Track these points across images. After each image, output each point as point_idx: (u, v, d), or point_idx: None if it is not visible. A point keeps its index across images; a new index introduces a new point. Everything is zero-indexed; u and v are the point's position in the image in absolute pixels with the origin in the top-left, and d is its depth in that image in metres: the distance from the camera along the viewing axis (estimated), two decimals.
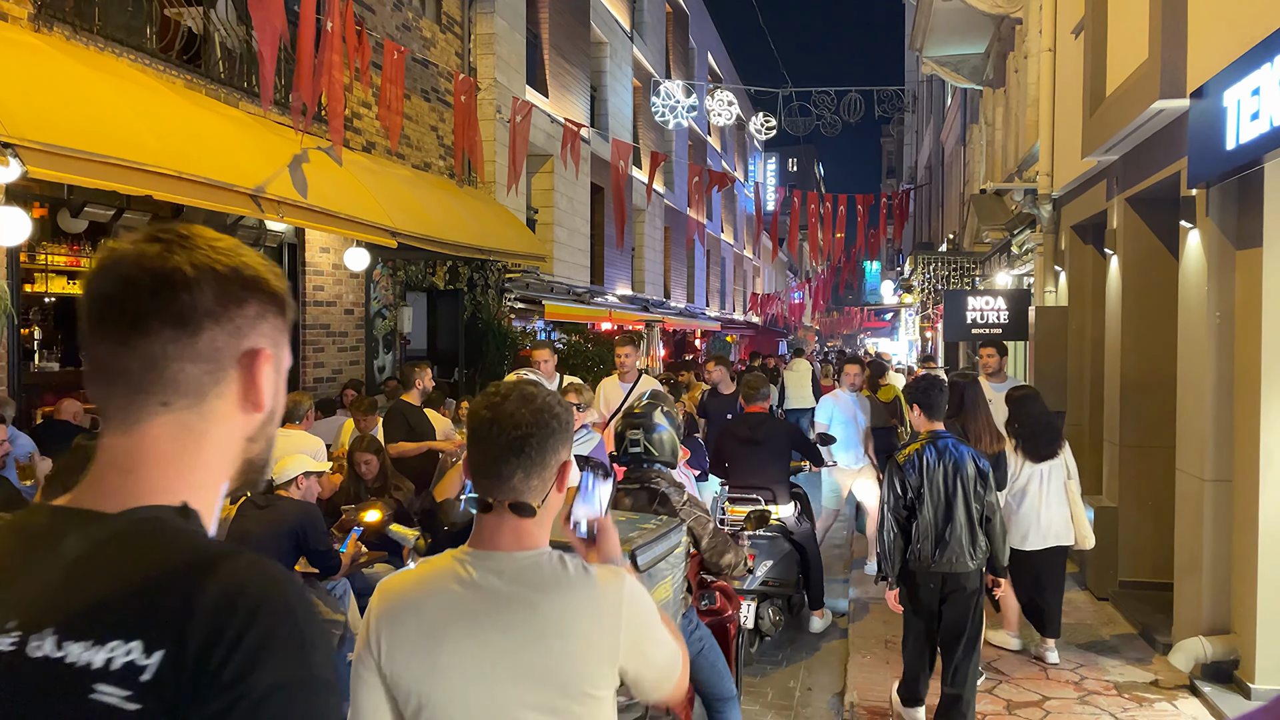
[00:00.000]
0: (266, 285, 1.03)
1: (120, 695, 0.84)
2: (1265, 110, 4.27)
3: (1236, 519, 5.15)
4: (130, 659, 0.85)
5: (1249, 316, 5.01)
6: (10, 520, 1.00)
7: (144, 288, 0.96)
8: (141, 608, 0.87)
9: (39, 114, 4.82)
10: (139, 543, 0.92)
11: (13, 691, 0.87)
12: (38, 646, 0.88)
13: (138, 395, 0.98)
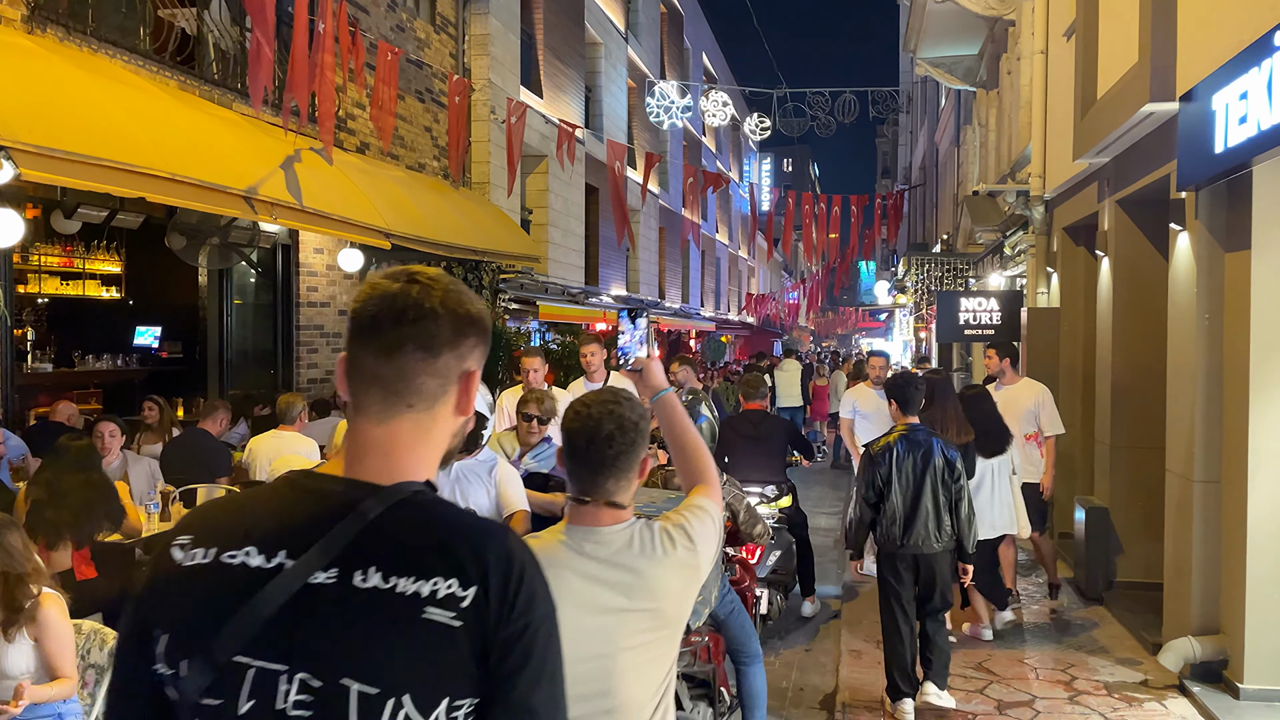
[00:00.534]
0: (482, 323, 1.35)
1: (447, 615, 1.16)
2: (1253, 114, 4.30)
3: (1225, 520, 5.18)
4: (451, 591, 1.17)
5: (1237, 318, 5.04)
6: (294, 483, 1.30)
7: (406, 319, 1.27)
8: (450, 556, 1.20)
9: (32, 116, 4.82)
10: (423, 510, 1.25)
11: (342, 613, 1.17)
12: (364, 580, 1.17)
13: (391, 397, 1.28)
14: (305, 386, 9.54)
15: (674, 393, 2.29)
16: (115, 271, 10.70)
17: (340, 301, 10.24)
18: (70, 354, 10.15)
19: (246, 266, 9.15)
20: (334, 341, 10.13)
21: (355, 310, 1.31)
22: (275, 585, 1.18)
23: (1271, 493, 4.91)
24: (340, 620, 1.17)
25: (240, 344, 9.38)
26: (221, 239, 8.28)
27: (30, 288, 9.78)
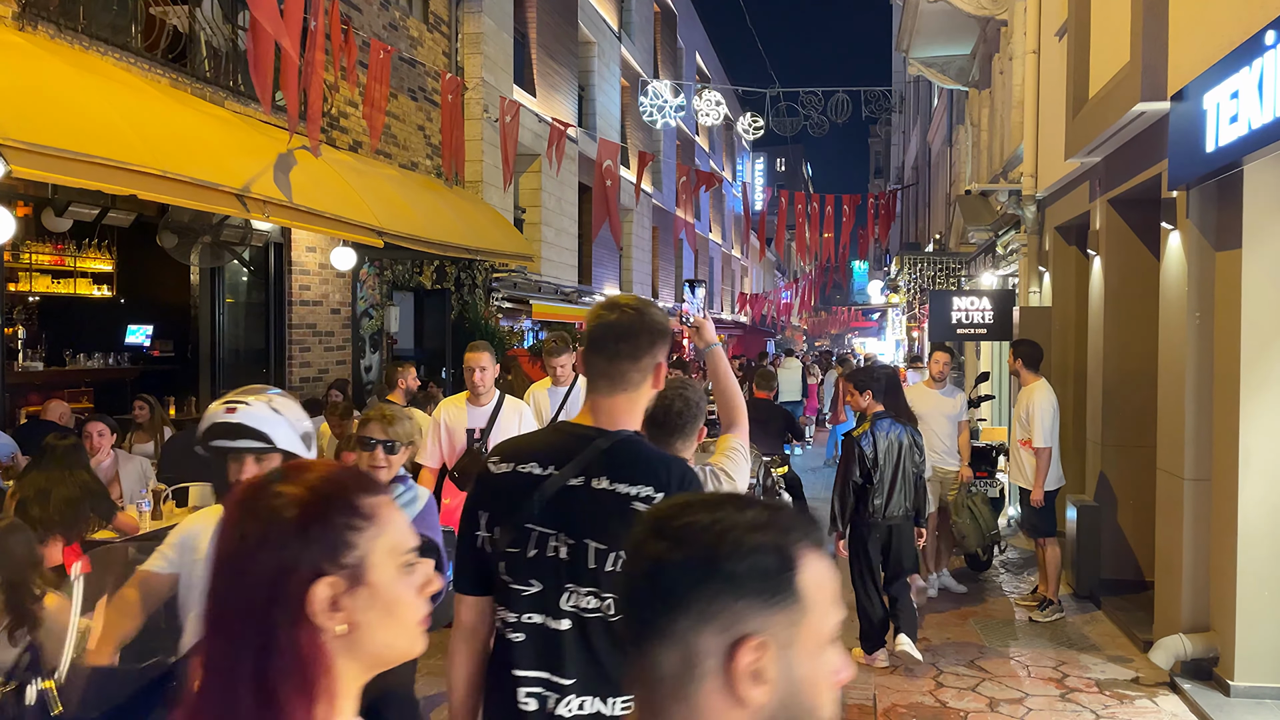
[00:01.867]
0: (665, 330, 2.13)
1: (644, 506, 1.91)
2: (1244, 113, 4.31)
3: (1216, 518, 5.20)
4: (649, 492, 1.95)
5: (1228, 316, 5.06)
6: (558, 428, 2.21)
7: (620, 338, 2.07)
8: (650, 471, 1.99)
9: (23, 113, 4.80)
10: (632, 445, 2.05)
11: (588, 501, 1.97)
12: (598, 483, 1.98)
13: (616, 383, 2.08)
14: (298, 385, 9.52)
15: (720, 347, 2.89)
16: (107, 270, 10.66)
17: (333, 300, 10.22)
18: (61, 353, 10.11)
19: (238, 265, 9.13)
20: (326, 340, 10.10)
21: (589, 330, 2.15)
22: (548, 484, 2.02)
23: (1261, 490, 4.93)
24: (584, 505, 1.99)
25: (232, 343, 9.35)
26: (213, 237, 8.26)
27: (21, 286, 9.74)
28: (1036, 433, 6.75)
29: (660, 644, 0.95)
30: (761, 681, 0.93)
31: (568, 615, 1.98)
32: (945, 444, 7.69)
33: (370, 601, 1.04)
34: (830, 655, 0.98)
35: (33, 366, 9.50)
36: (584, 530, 1.97)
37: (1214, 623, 5.21)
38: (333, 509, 1.05)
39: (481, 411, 5.21)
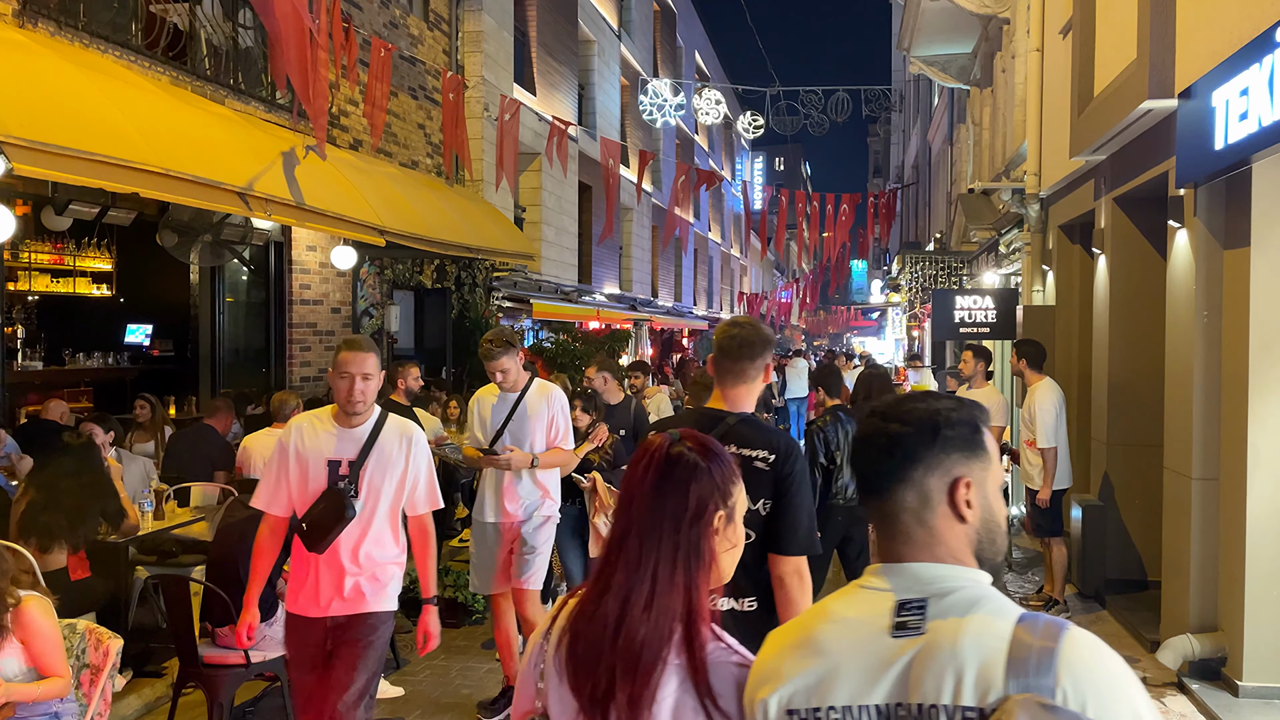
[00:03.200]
0: (771, 340, 2.95)
1: (765, 465, 2.74)
2: (1254, 110, 4.28)
3: (1224, 517, 5.18)
4: (765, 454, 2.76)
5: (1236, 315, 5.04)
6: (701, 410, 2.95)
7: (742, 346, 2.87)
8: (766, 440, 2.80)
9: (24, 110, 4.76)
10: (750, 422, 2.86)
11: None
12: (730, 449, 2.30)
13: (739, 378, 2.87)
14: (298, 384, 9.48)
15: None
16: (106, 269, 10.62)
17: (333, 299, 10.19)
18: (61, 352, 10.07)
19: (239, 264, 9.10)
20: (326, 339, 10.07)
21: (719, 341, 2.92)
22: None
23: (1270, 490, 4.91)
24: None
25: (232, 342, 9.32)
26: (214, 236, 8.22)
27: (20, 285, 9.71)
28: (1039, 432, 6.73)
29: (902, 488, 1.41)
30: (971, 507, 1.41)
31: None
32: None
33: (728, 532, 1.64)
34: (1001, 499, 1.48)
35: (32, 366, 9.47)
36: None
37: (1222, 623, 5.18)
38: (729, 468, 1.64)
39: (353, 436, 3.64)
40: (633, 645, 1.54)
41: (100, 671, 3.46)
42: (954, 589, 1.36)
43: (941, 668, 1.29)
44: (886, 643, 1.35)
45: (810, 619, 1.48)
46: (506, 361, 4.88)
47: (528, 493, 5.08)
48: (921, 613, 1.34)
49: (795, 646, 1.45)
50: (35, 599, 3.36)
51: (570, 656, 1.60)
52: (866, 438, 1.47)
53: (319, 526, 3.51)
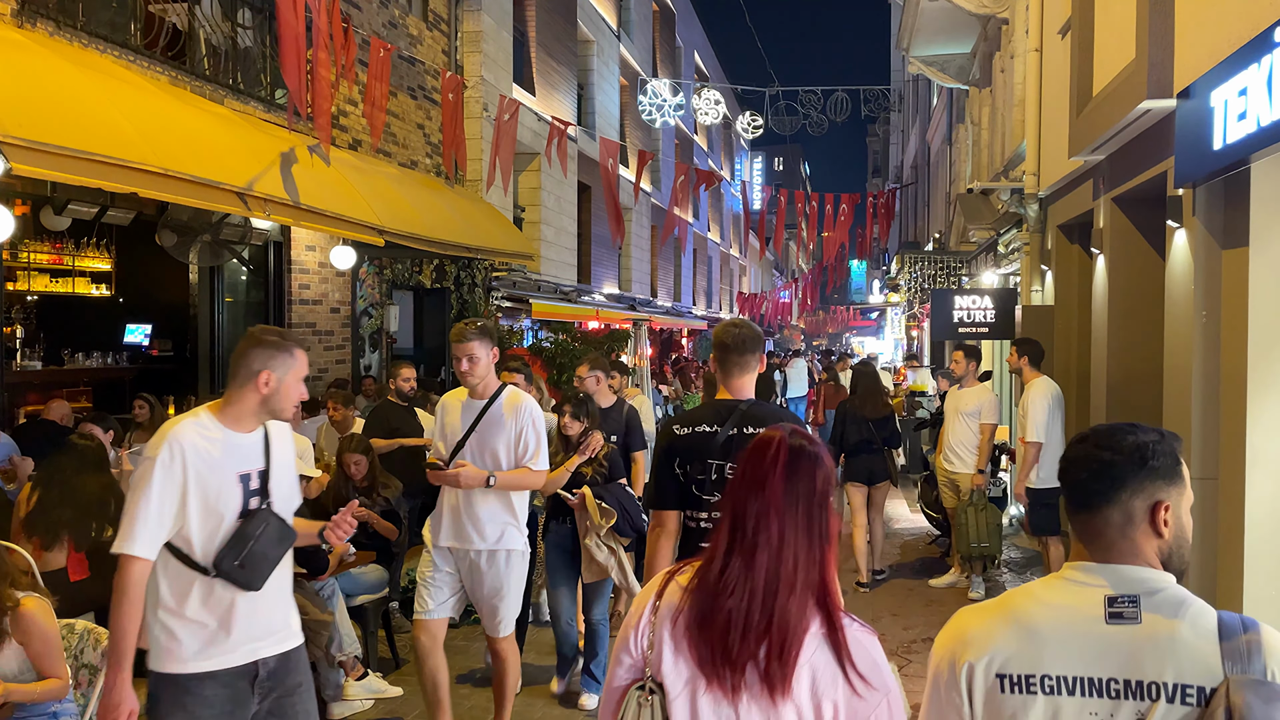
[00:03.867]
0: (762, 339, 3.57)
1: None
2: (1253, 110, 4.28)
3: (1223, 517, 5.18)
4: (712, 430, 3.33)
5: (1235, 315, 5.04)
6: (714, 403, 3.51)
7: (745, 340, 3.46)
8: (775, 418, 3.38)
9: (23, 110, 4.76)
10: (762, 406, 3.47)
11: (738, 444, 3.14)
12: (745, 430, 3.28)
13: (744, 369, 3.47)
14: None
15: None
16: (105, 269, 10.63)
17: (332, 299, 10.18)
18: (60, 352, 10.08)
19: (238, 264, 9.10)
20: (326, 339, 10.07)
21: (723, 339, 3.44)
22: (717, 436, 3.30)
23: (1269, 489, 4.91)
24: (741, 444, 2.99)
25: (232, 342, 9.30)
26: (213, 236, 8.22)
27: (19, 285, 9.71)
28: (1029, 427, 6.80)
29: (1110, 508, 1.65)
30: (1167, 525, 1.64)
31: None
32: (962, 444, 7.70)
33: None
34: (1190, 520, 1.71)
35: (31, 366, 9.47)
36: None
37: None
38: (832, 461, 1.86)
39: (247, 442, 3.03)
40: (785, 615, 1.71)
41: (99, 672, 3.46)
42: (1160, 589, 1.63)
43: (1163, 652, 1.57)
44: (1101, 628, 1.62)
45: (1018, 599, 1.72)
46: (477, 347, 4.33)
47: (489, 518, 4.41)
48: (1136, 605, 1.61)
49: (1003, 621, 1.69)
50: (34, 600, 3.36)
51: (702, 626, 1.74)
52: (1079, 460, 1.70)
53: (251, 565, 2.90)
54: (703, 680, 1.74)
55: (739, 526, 1.77)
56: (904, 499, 11.79)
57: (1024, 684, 1.63)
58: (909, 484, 11.91)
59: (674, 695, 1.76)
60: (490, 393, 4.45)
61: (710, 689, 1.74)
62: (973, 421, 7.64)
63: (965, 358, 7.84)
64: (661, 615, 1.81)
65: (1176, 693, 1.55)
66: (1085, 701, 1.60)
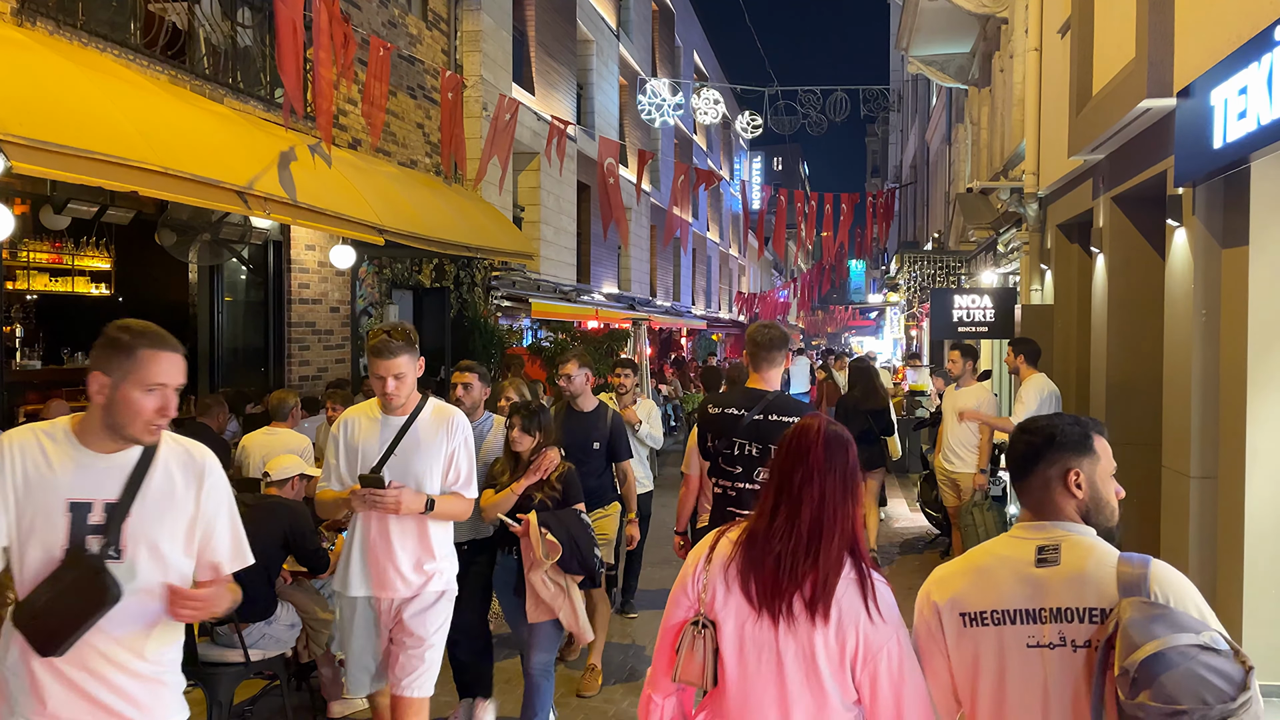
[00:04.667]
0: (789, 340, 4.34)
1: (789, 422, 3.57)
2: (1253, 109, 4.29)
3: (1222, 516, 5.18)
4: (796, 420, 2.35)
5: (1235, 314, 5.04)
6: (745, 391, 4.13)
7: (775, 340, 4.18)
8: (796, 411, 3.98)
9: (23, 109, 4.76)
10: (786, 397, 4.14)
11: (766, 426, 3.96)
12: (770, 417, 3.99)
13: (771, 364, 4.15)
14: (297, 384, 9.48)
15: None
16: (105, 268, 10.61)
17: (332, 299, 10.18)
18: (59, 351, 10.06)
19: (237, 263, 9.09)
20: (325, 339, 10.06)
21: (757, 338, 4.13)
22: (744, 419, 4.00)
23: (1269, 488, 4.91)
24: (764, 428, 3.95)
25: (231, 341, 9.32)
26: (212, 235, 8.22)
27: (19, 284, 9.69)
28: (1017, 415, 6.87)
29: (1033, 476, 2.14)
30: (1080, 488, 2.12)
31: (759, 483, 3.85)
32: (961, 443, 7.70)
33: None
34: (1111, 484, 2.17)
35: (30, 365, 9.46)
36: (768, 441, 3.92)
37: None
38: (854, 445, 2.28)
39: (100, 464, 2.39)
40: (827, 556, 2.11)
41: None
42: (1079, 538, 2.09)
43: (1075, 585, 2.00)
44: (1032, 570, 2.05)
45: (976, 553, 2.19)
46: (406, 363, 3.67)
47: (414, 556, 3.77)
48: (1056, 552, 2.06)
49: (964, 570, 2.16)
50: None
51: (755, 568, 2.15)
52: (1013, 445, 2.21)
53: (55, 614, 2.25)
54: (751, 614, 2.14)
55: (785, 488, 2.18)
56: (904, 498, 11.79)
57: (979, 619, 2.07)
58: (909, 483, 11.90)
59: (725, 628, 2.16)
60: (411, 408, 3.78)
61: (757, 622, 2.14)
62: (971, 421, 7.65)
63: (962, 357, 7.85)
64: (715, 564, 2.22)
65: (1086, 615, 1.98)
66: (1023, 629, 2.02)
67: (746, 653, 2.15)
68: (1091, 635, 1.95)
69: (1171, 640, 1.80)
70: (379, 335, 3.61)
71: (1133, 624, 1.85)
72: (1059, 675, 1.99)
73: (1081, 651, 1.97)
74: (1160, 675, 1.77)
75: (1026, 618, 2.01)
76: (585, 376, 5.82)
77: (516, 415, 4.68)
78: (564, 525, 4.53)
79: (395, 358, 3.62)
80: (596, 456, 5.78)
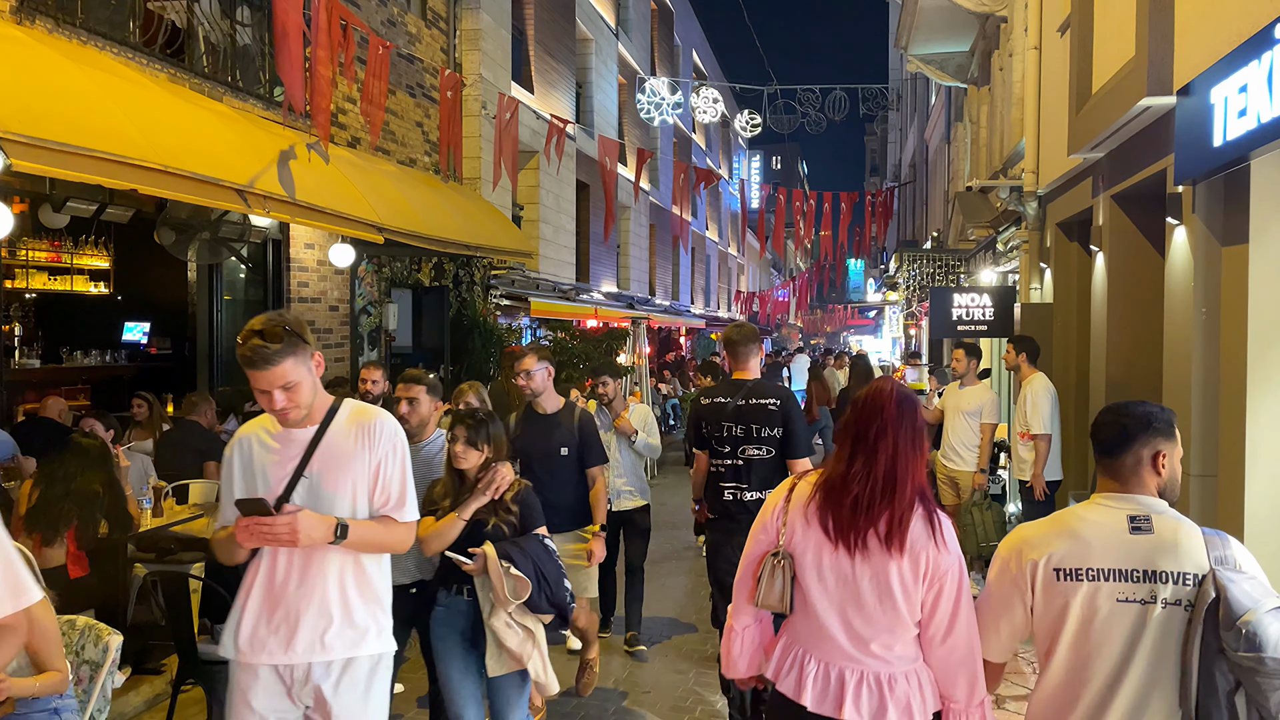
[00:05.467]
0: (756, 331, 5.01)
1: (775, 406, 4.62)
2: (1253, 107, 4.29)
3: (1222, 514, 5.18)
4: (775, 402, 4.63)
5: (1234, 312, 5.04)
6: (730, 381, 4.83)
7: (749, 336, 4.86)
8: (773, 394, 4.68)
9: (22, 107, 4.76)
10: (764, 382, 4.78)
11: (749, 409, 4.64)
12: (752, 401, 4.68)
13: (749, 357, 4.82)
14: None
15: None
16: (104, 267, 10.61)
17: (331, 297, 10.18)
18: (58, 350, 10.06)
19: (237, 262, 9.09)
20: (324, 338, 10.06)
21: (732, 336, 4.83)
22: (729, 405, 4.69)
23: (1268, 486, 4.91)
24: (748, 411, 4.64)
25: (230, 340, 9.30)
26: (212, 234, 8.21)
27: (18, 283, 9.69)
28: (1035, 420, 6.83)
29: (1127, 454, 2.40)
30: (1164, 468, 2.39)
31: (743, 458, 4.62)
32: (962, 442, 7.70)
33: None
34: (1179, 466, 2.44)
35: (30, 364, 9.45)
36: (749, 422, 4.62)
37: None
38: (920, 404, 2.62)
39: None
40: (901, 496, 2.49)
41: (100, 668, 3.46)
42: (1163, 511, 2.38)
43: (1169, 551, 2.30)
44: (1126, 536, 2.35)
45: (1066, 518, 2.47)
46: (291, 369, 2.79)
47: (335, 605, 2.88)
48: (1149, 522, 2.35)
49: (1057, 531, 2.43)
50: None
51: (833, 508, 2.52)
52: (1108, 424, 2.46)
53: None
54: (828, 547, 2.51)
55: (862, 440, 2.54)
56: None
57: (1073, 574, 2.35)
58: None
59: (803, 560, 2.54)
60: (321, 416, 2.94)
61: (834, 553, 2.50)
62: (973, 420, 7.65)
63: (966, 356, 7.84)
64: (794, 504, 2.59)
65: (1179, 578, 2.28)
66: (1116, 586, 2.32)
67: (825, 580, 2.52)
68: (1184, 596, 2.26)
69: (1266, 601, 2.17)
70: (247, 339, 2.73)
71: (1234, 590, 2.18)
72: (1147, 628, 2.29)
73: (1173, 609, 2.27)
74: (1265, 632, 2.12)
75: (1120, 577, 2.32)
76: (546, 371, 5.16)
77: (460, 425, 3.91)
78: (528, 555, 3.75)
79: (274, 366, 2.74)
80: (566, 465, 5.07)
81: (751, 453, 4.59)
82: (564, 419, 5.17)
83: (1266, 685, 2.12)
